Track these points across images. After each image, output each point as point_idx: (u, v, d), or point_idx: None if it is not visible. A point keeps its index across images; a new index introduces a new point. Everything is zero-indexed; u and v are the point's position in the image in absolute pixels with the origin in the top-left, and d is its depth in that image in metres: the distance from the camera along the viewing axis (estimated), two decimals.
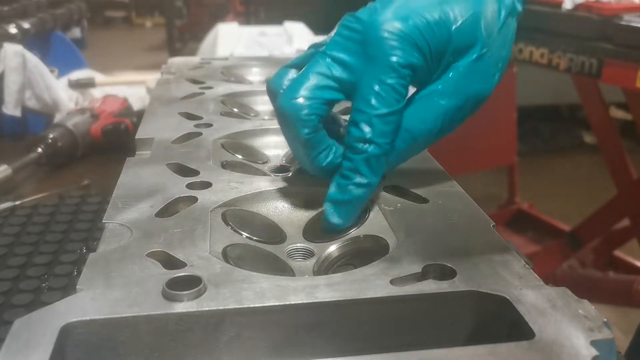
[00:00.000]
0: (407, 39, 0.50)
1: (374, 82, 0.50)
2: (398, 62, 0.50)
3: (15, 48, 1.28)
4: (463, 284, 0.41)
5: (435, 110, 0.53)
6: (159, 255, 0.45)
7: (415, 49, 0.50)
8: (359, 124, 0.51)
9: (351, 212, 0.52)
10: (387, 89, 0.50)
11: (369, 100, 0.50)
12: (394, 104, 0.50)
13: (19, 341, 0.35)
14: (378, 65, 0.50)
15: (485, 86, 0.54)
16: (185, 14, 6.97)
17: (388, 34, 0.50)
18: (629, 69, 1.66)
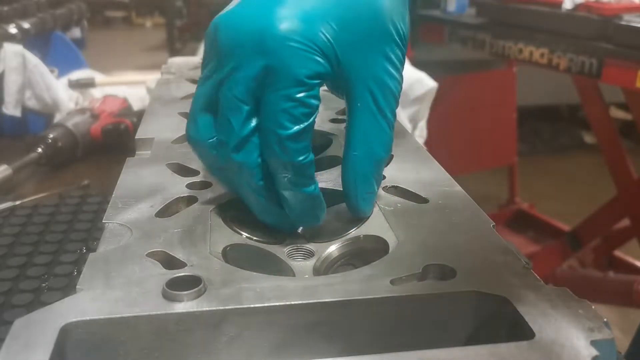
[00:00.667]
0: (309, 46, 0.45)
1: (280, 99, 0.45)
2: (307, 75, 0.45)
3: (15, 48, 1.28)
4: (463, 284, 0.41)
5: None
6: (159, 255, 0.45)
7: (321, 55, 0.46)
8: (272, 147, 0.46)
9: (314, 213, 0.51)
10: (296, 105, 0.45)
11: (277, 119, 0.46)
12: (304, 120, 0.46)
13: (19, 341, 0.35)
14: (280, 81, 0.45)
15: None
16: (185, 14, 6.96)
17: (292, 42, 0.45)
18: (629, 69, 1.67)
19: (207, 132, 0.49)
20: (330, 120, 0.76)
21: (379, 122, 0.50)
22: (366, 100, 0.50)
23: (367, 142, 0.51)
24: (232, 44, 0.46)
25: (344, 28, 0.47)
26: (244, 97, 0.46)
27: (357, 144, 0.51)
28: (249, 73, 0.46)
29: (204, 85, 0.49)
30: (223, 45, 0.47)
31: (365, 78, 0.49)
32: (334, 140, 0.70)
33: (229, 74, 0.47)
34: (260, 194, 0.50)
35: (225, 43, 0.47)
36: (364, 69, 0.49)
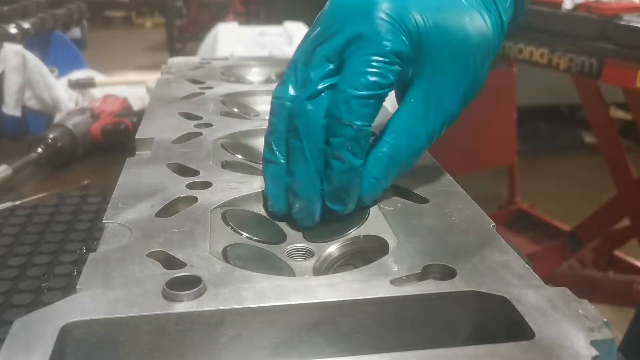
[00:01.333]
0: (401, 26, 0.49)
1: (361, 63, 0.49)
2: (390, 49, 0.49)
3: (15, 48, 1.28)
4: (463, 284, 0.41)
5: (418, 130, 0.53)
6: (159, 255, 0.45)
7: (407, 37, 0.50)
8: (338, 105, 0.49)
9: (346, 197, 0.52)
10: (373, 72, 0.49)
11: (352, 79, 0.49)
12: (376, 88, 0.49)
13: (19, 341, 0.35)
14: (368, 47, 0.49)
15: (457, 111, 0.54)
16: (185, 14, 6.96)
17: (384, 15, 0.49)
18: (629, 69, 1.66)
19: (290, 91, 0.53)
20: None
21: (419, 126, 0.53)
22: (418, 102, 0.53)
23: (398, 136, 0.53)
24: (337, 11, 0.52)
25: (433, 27, 0.51)
26: (331, 55, 0.51)
27: (388, 131, 0.53)
28: (344, 35, 0.50)
29: (300, 49, 0.54)
30: (329, 12, 0.52)
31: (429, 85, 0.52)
32: None
33: (327, 38, 0.51)
34: (315, 159, 0.51)
35: (332, 10, 0.52)
36: (433, 77, 0.52)
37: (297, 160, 0.52)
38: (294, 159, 0.52)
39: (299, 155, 0.52)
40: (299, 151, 0.51)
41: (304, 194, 0.52)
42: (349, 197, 0.52)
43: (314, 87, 0.50)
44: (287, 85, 0.53)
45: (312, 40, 0.52)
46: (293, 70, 0.53)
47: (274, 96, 0.54)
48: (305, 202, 0.52)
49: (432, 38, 0.51)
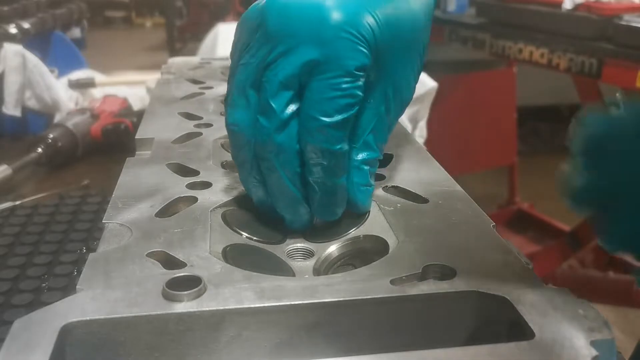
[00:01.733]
0: (358, 37, 0.47)
1: (327, 88, 0.46)
2: (355, 66, 0.46)
3: (15, 48, 1.28)
4: (463, 284, 0.41)
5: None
6: (159, 255, 0.45)
7: (367, 47, 0.47)
8: (313, 134, 0.47)
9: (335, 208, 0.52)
10: (342, 95, 0.47)
11: (322, 107, 0.47)
12: (348, 110, 0.47)
13: (19, 341, 0.35)
14: (331, 70, 0.46)
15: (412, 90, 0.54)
16: (185, 14, 6.96)
17: (340, 31, 0.46)
18: (629, 69, 1.66)
19: (247, 117, 0.49)
20: None
21: (383, 124, 0.53)
22: (378, 101, 0.52)
23: (368, 142, 0.53)
24: (283, 30, 0.47)
25: (386, 25, 0.49)
26: (289, 81, 0.47)
27: (355, 138, 0.52)
28: (298, 59, 0.46)
29: (245, 70, 0.50)
30: (273, 30, 0.47)
31: (387, 82, 0.51)
32: None
33: (276, 59, 0.47)
34: (295, 183, 0.50)
35: (276, 29, 0.47)
36: (390, 72, 0.51)
37: (275, 189, 0.51)
38: (272, 188, 0.51)
39: (276, 184, 0.50)
40: (275, 180, 0.50)
41: (290, 215, 0.52)
42: (337, 207, 0.52)
43: (279, 117, 0.47)
44: (239, 110, 0.50)
45: (257, 59, 0.49)
46: (241, 92, 0.50)
47: (230, 123, 0.51)
48: (293, 216, 0.52)
49: (385, 37, 0.48)
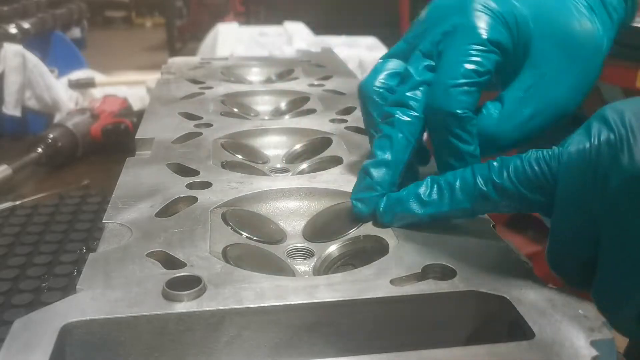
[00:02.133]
0: (498, 17, 0.50)
1: (458, 53, 0.50)
2: (488, 38, 0.49)
3: (15, 48, 1.28)
4: (463, 284, 0.41)
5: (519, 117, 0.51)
6: (159, 255, 0.45)
7: (505, 28, 0.50)
8: (437, 96, 0.50)
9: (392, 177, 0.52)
10: (470, 61, 0.49)
11: (449, 70, 0.50)
12: (473, 76, 0.49)
13: (19, 341, 0.35)
14: (464, 37, 0.50)
15: (570, 103, 0.53)
16: (185, 14, 6.96)
17: (480, 7, 0.50)
18: (629, 69, 1.66)
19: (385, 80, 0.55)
20: (330, 120, 0.76)
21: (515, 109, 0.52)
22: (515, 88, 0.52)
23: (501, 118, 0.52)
24: (434, 11, 0.54)
25: (538, 19, 0.51)
26: (428, 50, 0.52)
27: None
28: (440, 29, 0.52)
29: (399, 43, 0.56)
30: (427, 12, 0.55)
31: (530, 74, 0.52)
32: (334, 140, 0.70)
33: (424, 31, 0.53)
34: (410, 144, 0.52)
35: (430, 10, 0.55)
36: (538, 66, 0.52)
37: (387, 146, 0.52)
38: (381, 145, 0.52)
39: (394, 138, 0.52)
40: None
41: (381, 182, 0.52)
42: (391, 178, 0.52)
43: (413, 80, 0.52)
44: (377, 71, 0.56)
45: (409, 39, 0.55)
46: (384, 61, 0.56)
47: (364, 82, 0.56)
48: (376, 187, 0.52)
49: (535, 30, 0.51)
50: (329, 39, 1.87)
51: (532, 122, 0.51)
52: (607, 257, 0.38)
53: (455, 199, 0.47)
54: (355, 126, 0.74)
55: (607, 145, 0.38)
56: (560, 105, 0.52)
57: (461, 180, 0.46)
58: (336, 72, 1.02)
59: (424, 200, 0.48)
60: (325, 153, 0.69)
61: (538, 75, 0.51)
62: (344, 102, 0.84)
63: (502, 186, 0.44)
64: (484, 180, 0.45)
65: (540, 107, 0.51)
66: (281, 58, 1.19)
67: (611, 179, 0.37)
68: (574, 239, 0.40)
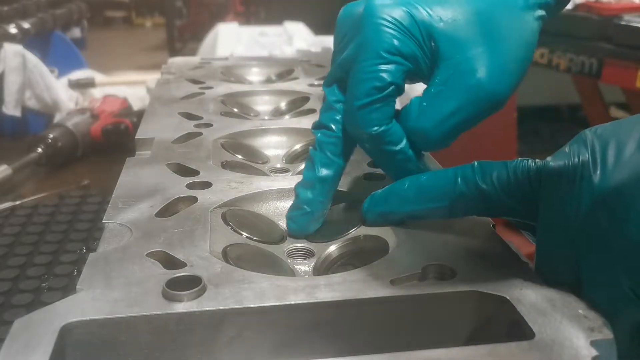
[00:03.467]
0: (395, 24, 0.48)
1: (357, 72, 0.49)
2: (385, 49, 0.48)
3: (15, 48, 1.28)
4: (463, 284, 0.41)
5: (439, 112, 0.49)
6: (159, 255, 0.45)
7: (404, 34, 0.48)
8: (347, 116, 0.51)
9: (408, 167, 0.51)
10: (370, 77, 0.48)
11: (352, 90, 0.49)
12: (374, 93, 0.48)
13: (19, 341, 0.35)
14: (363, 52, 0.48)
15: (496, 87, 0.48)
16: (185, 14, 6.96)
17: (380, 20, 0.48)
18: (629, 69, 1.67)
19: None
20: None
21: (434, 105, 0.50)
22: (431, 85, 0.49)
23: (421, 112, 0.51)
24: (338, 29, 0.54)
25: (438, 11, 0.48)
26: (336, 71, 0.52)
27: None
28: (349, 48, 0.51)
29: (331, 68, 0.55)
30: (335, 30, 0.54)
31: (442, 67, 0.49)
32: None
33: (336, 55, 0.53)
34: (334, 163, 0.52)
35: (336, 27, 0.54)
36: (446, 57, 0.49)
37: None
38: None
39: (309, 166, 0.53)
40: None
41: None
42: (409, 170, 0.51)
43: (328, 104, 0.53)
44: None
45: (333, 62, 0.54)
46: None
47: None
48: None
49: (438, 20, 0.48)
50: (329, 39, 1.87)
51: (458, 115, 0.48)
52: (585, 278, 0.39)
53: (433, 197, 0.47)
54: None
55: (582, 166, 0.39)
56: (486, 93, 0.48)
57: (442, 179, 0.47)
58: None
59: (405, 197, 0.48)
60: None
61: (453, 66, 0.48)
62: None
63: (482, 189, 0.44)
64: (465, 181, 0.45)
65: (463, 98, 0.48)
66: (281, 58, 1.19)
67: (584, 200, 0.38)
68: (557, 256, 0.41)
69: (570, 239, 0.39)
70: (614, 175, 0.37)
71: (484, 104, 0.48)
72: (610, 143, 0.38)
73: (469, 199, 0.45)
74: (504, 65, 0.48)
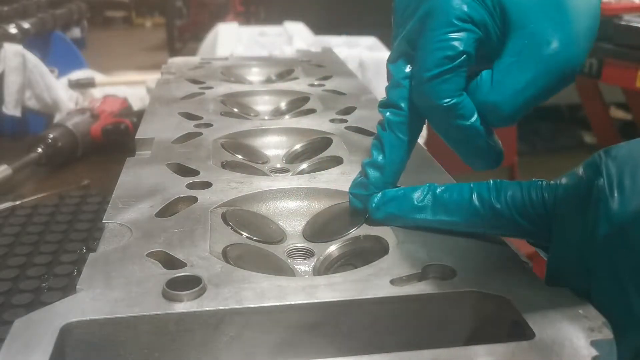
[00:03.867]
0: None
1: (428, 41, 0.47)
2: (457, 16, 0.46)
3: (15, 48, 1.28)
4: (463, 284, 0.41)
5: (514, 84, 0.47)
6: (159, 255, 0.45)
7: (479, 3, 0.46)
8: (417, 88, 0.49)
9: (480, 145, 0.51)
10: (440, 46, 0.46)
11: (422, 61, 0.47)
12: (446, 63, 0.46)
13: (19, 341, 0.35)
14: (434, 19, 0.47)
15: (571, 57, 0.46)
16: (185, 14, 6.96)
17: None
18: (629, 69, 1.67)
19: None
20: (330, 120, 0.76)
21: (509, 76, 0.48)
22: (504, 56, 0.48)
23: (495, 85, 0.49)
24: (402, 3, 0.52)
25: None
26: (402, 43, 0.51)
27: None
28: (414, 19, 0.49)
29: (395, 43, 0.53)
30: (398, 1, 0.52)
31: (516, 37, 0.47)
32: (334, 140, 0.70)
33: (396, 23, 0.52)
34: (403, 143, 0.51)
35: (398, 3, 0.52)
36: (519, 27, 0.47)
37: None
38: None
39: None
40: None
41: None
42: (482, 150, 0.51)
43: (395, 80, 0.51)
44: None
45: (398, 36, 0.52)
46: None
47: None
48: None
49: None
50: (329, 39, 1.87)
51: (533, 87, 0.47)
52: (598, 299, 0.38)
53: (447, 210, 0.47)
54: (355, 126, 0.74)
55: (597, 190, 0.38)
56: (561, 63, 0.47)
57: (457, 194, 0.47)
58: (336, 72, 1.02)
59: (416, 205, 0.48)
60: (325, 153, 0.69)
61: (527, 36, 0.47)
62: (344, 102, 0.84)
63: (496, 209, 0.44)
64: (480, 199, 0.45)
65: (539, 69, 0.46)
66: (281, 58, 1.18)
67: (600, 225, 0.37)
68: (568, 276, 0.41)
69: (583, 260, 0.39)
70: (632, 202, 0.36)
71: (560, 75, 0.47)
72: (626, 167, 0.37)
73: (483, 217, 0.45)
74: (576, 35, 0.47)
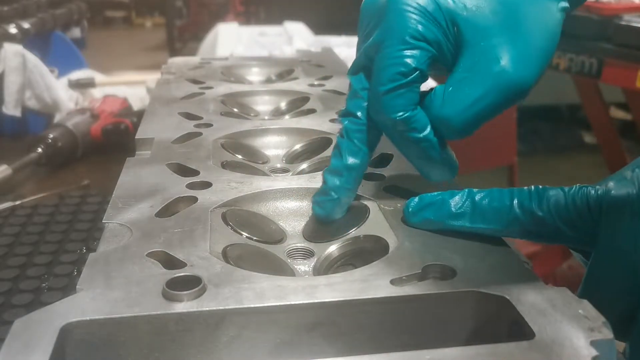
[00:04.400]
0: (419, 9, 0.48)
1: (382, 58, 0.48)
2: (410, 34, 0.47)
3: (15, 48, 1.28)
4: (463, 284, 0.41)
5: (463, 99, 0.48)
6: (159, 255, 0.45)
7: (429, 20, 0.48)
8: (373, 103, 0.50)
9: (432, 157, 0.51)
10: (394, 63, 0.48)
11: (377, 76, 0.49)
12: (399, 78, 0.48)
13: (19, 341, 0.35)
14: (386, 39, 0.48)
15: (520, 75, 0.47)
16: (185, 14, 6.96)
17: (404, 6, 0.48)
18: (629, 69, 1.67)
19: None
20: (330, 120, 0.76)
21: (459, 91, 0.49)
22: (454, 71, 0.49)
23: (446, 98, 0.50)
24: (362, 15, 0.53)
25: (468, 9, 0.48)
26: (364, 62, 0.52)
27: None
28: (374, 35, 0.50)
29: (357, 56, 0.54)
30: (360, 17, 0.53)
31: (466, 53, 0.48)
32: (334, 140, 0.70)
33: (361, 42, 0.52)
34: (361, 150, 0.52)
35: (363, 15, 0.53)
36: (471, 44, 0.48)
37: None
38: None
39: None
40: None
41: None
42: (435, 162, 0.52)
43: (354, 91, 0.52)
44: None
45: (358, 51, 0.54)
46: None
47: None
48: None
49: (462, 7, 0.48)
50: (329, 39, 1.87)
51: (482, 102, 0.48)
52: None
53: (486, 218, 0.47)
54: None
55: None
56: (510, 81, 0.47)
57: (498, 201, 0.46)
58: (336, 72, 1.02)
59: (454, 212, 0.48)
60: (325, 153, 0.69)
61: (478, 53, 0.47)
62: (343, 102, 0.84)
63: (539, 216, 0.44)
64: (521, 206, 0.45)
65: (487, 85, 0.47)
66: (281, 58, 1.18)
67: None
68: (612, 286, 0.40)
69: (634, 270, 0.38)
70: None
71: (508, 92, 0.47)
72: None
73: (524, 224, 0.45)
74: (528, 54, 0.47)
